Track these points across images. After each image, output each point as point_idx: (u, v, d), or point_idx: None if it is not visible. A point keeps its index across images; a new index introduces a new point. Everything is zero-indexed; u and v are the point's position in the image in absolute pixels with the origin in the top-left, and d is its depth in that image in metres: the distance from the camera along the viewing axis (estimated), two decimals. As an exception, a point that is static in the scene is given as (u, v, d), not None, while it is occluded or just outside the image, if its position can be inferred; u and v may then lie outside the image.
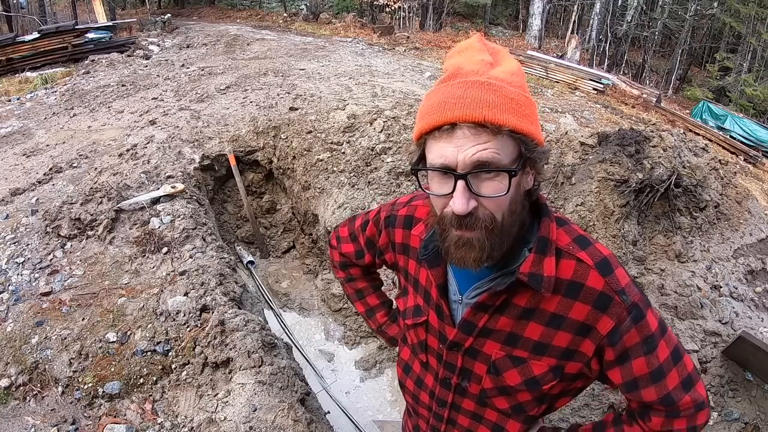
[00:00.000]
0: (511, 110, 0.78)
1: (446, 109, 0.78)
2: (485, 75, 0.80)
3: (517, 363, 0.96)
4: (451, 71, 0.83)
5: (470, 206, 0.80)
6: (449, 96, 0.79)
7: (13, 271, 3.02)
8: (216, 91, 6.38)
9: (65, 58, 9.27)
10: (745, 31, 13.60)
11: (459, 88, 0.79)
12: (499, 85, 0.79)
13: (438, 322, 1.03)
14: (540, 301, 0.90)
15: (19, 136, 5.39)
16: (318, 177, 4.37)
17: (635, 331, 0.88)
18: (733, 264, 3.14)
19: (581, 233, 0.94)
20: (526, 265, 0.88)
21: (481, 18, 17.52)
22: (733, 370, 2.71)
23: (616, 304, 0.87)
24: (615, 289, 0.87)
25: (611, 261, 0.90)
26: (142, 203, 3.51)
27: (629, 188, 3.10)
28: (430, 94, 0.84)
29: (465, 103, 0.77)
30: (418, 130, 0.84)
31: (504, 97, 0.78)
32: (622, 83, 11.17)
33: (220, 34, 11.21)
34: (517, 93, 0.80)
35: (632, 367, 0.91)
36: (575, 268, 0.89)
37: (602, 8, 14.47)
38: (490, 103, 0.77)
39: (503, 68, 0.83)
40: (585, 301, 0.88)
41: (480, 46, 0.85)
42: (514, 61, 0.86)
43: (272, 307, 3.84)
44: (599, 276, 0.88)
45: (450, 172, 0.80)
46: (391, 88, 6.77)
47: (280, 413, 2.25)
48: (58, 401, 2.40)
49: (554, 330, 0.91)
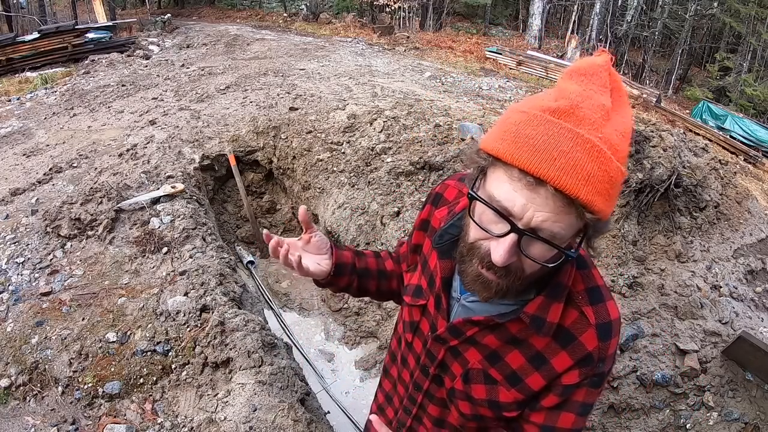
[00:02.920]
0: (606, 192, 0.70)
1: (544, 160, 0.68)
2: (599, 132, 0.70)
3: (488, 382, 0.96)
4: (567, 105, 0.71)
5: (510, 261, 0.75)
6: (553, 143, 0.68)
7: (13, 271, 3.02)
8: (216, 91, 6.38)
9: (65, 58, 9.27)
10: (745, 31, 13.60)
11: (569, 139, 0.68)
12: (608, 157, 0.69)
13: (434, 311, 1.04)
14: (531, 336, 0.90)
15: (19, 136, 5.39)
16: (318, 177, 4.37)
17: (585, 392, 0.90)
18: (733, 264, 3.14)
19: (598, 284, 0.90)
20: (532, 307, 0.86)
21: (481, 18, 17.51)
22: (733, 370, 2.71)
23: (592, 367, 0.87)
24: (600, 356, 0.87)
25: (614, 327, 0.88)
26: (142, 203, 3.51)
27: (629, 188, 3.10)
28: (531, 118, 0.72)
29: (567, 165, 0.67)
30: (498, 152, 0.73)
31: (606, 174, 0.69)
32: (622, 83, 11.16)
33: (220, 34, 11.20)
34: (618, 170, 0.71)
35: (560, 417, 0.92)
36: (576, 320, 0.87)
37: (602, 8, 14.46)
38: (590, 177, 0.68)
39: (618, 125, 0.73)
40: (571, 354, 0.88)
41: (605, 77, 0.75)
42: (629, 111, 0.77)
43: (272, 307, 3.84)
44: (596, 338, 0.86)
45: (510, 221, 0.73)
46: (391, 88, 6.77)
47: (280, 413, 2.25)
48: (58, 401, 2.40)
49: (533, 369, 0.91)
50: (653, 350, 2.74)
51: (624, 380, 2.67)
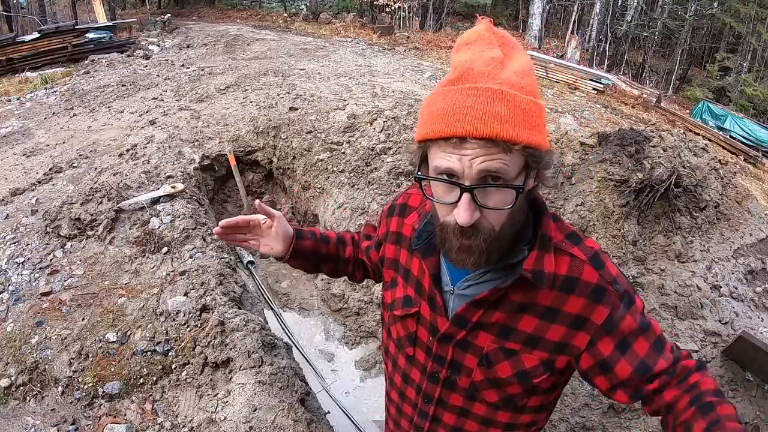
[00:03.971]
0: (524, 123, 0.75)
1: (455, 121, 0.75)
2: (497, 79, 0.76)
3: (509, 355, 0.96)
4: (460, 71, 0.79)
5: (474, 218, 0.80)
6: (458, 105, 0.75)
7: (13, 271, 3.02)
8: (216, 91, 6.38)
9: (65, 58, 9.27)
10: (745, 31, 13.60)
11: (469, 96, 0.75)
12: (512, 95, 0.75)
13: (430, 314, 1.03)
14: (535, 296, 0.91)
15: (19, 136, 5.39)
16: (318, 177, 4.37)
17: (630, 317, 0.91)
18: (733, 264, 3.14)
19: (572, 230, 0.97)
20: (529, 262, 0.88)
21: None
22: (733, 370, 2.71)
23: (610, 293, 0.90)
24: (608, 281, 0.91)
25: (601, 255, 0.94)
26: (142, 203, 3.51)
27: (629, 188, 3.10)
28: (437, 96, 0.80)
29: (476, 116, 0.74)
30: (423, 135, 0.81)
31: (516, 109, 0.75)
32: (622, 83, 11.17)
33: (220, 34, 11.20)
34: (529, 102, 0.77)
35: (635, 350, 0.91)
36: (570, 264, 0.91)
37: (602, 8, 14.47)
38: (503, 117, 0.74)
39: (514, 68, 0.79)
40: (581, 294, 0.90)
41: (489, 36, 0.81)
42: (524, 55, 0.82)
43: (272, 307, 3.84)
44: (593, 270, 0.91)
45: (456, 184, 0.79)
46: (391, 88, 6.77)
47: (280, 413, 2.25)
48: (58, 401, 2.40)
49: (548, 323, 0.92)
50: (653, 350, 2.73)
51: (624, 380, 2.67)
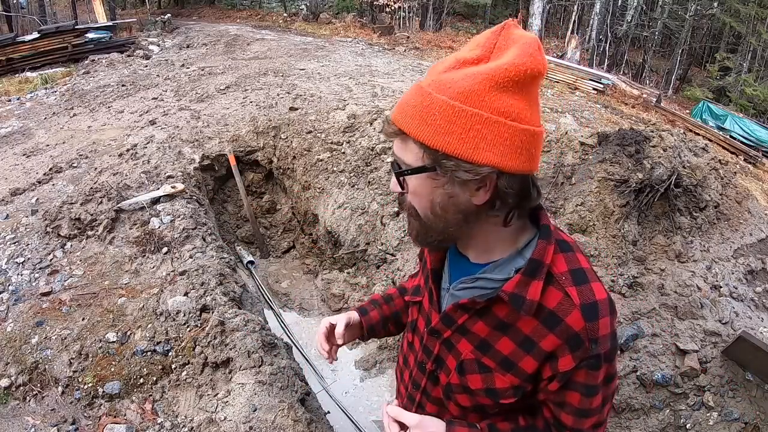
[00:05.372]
0: (423, 121, 0.80)
1: (395, 107, 0.87)
2: (431, 77, 0.82)
3: (483, 370, 0.97)
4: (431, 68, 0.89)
5: (394, 189, 0.91)
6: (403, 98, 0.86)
7: (13, 271, 3.02)
8: (216, 91, 6.38)
9: (65, 58, 9.27)
10: (745, 31, 13.60)
11: (413, 89, 0.84)
12: (427, 92, 0.80)
13: (428, 306, 1.08)
14: (518, 320, 0.91)
15: (19, 136, 5.40)
16: (318, 177, 4.37)
17: (584, 374, 0.90)
18: (733, 264, 3.14)
19: (582, 266, 0.90)
20: (510, 285, 0.88)
21: (481, 18, 17.53)
22: (733, 370, 2.71)
23: (584, 349, 0.87)
24: (589, 337, 0.86)
25: (601, 306, 0.87)
26: (142, 203, 3.51)
27: (629, 188, 3.10)
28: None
29: (400, 105, 0.85)
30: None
31: (423, 106, 0.80)
32: (622, 83, 11.17)
33: (220, 34, 11.20)
34: (442, 102, 0.78)
35: (566, 395, 0.94)
36: (560, 301, 0.87)
37: (602, 8, 14.47)
38: (408, 109, 0.82)
39: (470, 71, 0.78)
40: (559, 335, 0.87)
41: (486, 37, 0.82)
42: (505, 63, 0.77)
43: (272, 307, 3.84)
44: (581, 319, 0.86)
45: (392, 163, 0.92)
46: (391, 88, 6.77)
47: (280, 413, 2.25)
48: (58, 401, 2.40)
49: (524, 353, 0.92)
50: (653, 350, 2.74)
51: (624, 380, 2.67)
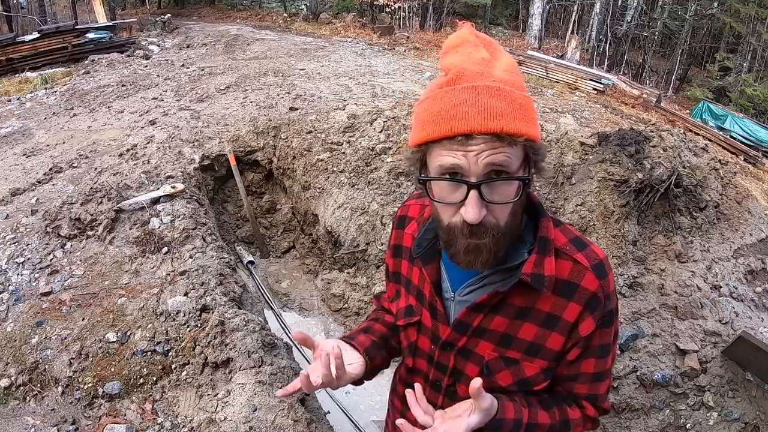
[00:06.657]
0: (523, 118, 0.78)
1: (459, 119, 0.76)
2: (491, 77, 0.79)
3: (510, 364, 0.96)
4: (455, 73, 0.80)
5: (482, 215, 0.80)
6: (460, 104, 0.77)
7: (13, 271, 3.02)
8: (216, 91, 6.37)
9: (65, 58, 9.26)
10: (745, 31, 13.58)
11: (469, 95, 0.77)
12: (508, 90, 0.78)
13: (431, 322, 1.03)
14: (536, 301, 0.91)
15: (19, 136, 5.39)
16: (318, 177, 4.37)
17: (599, 334, 0.94)
18: (733, 264, 3.14)
19: (577, 234, 0.97)
20: (528, 266, 0.89)
21: (481, 18, 17.51)
22: (733, 370, 2.71)
23: (601, 307, 0.91)
24: (604, 293, 0.91)
25: (606, 264, 0.93)
26: (142, 203, 3.51)
27: (629, 188, 3.10)
28: (434, 98, 0.82)
29: (479, 112, 0.76)
30: (424, 137, 0.82)
31: (514, 104, 0.78)
32: (622, 83, 11.16)
33: (220, 34, 11.19)
34: (523, 97, 0.80)
35: (581, 365, 0.97)
36: (571, 269, 0.91)
37: (602, 8, 14.46)
38: (504, 112, 0.76)
39: (503, 66, 0.82)
40: (578, 301, 0.91)
41: (474, 40, 0.84)
42: (506, 54, 0.86)
43: (272, 307, 3.84)
44: (595, 278, 0.91)
45: (462, 181, 0.80)
46: (391, 88, 6.77)
47: (280, 413, 2.25)
48: (58, 401, 2.40)
49: (548, 331, 0.93)
50: (653, 350, 2.74)
51: (624, 380, 2.67)
